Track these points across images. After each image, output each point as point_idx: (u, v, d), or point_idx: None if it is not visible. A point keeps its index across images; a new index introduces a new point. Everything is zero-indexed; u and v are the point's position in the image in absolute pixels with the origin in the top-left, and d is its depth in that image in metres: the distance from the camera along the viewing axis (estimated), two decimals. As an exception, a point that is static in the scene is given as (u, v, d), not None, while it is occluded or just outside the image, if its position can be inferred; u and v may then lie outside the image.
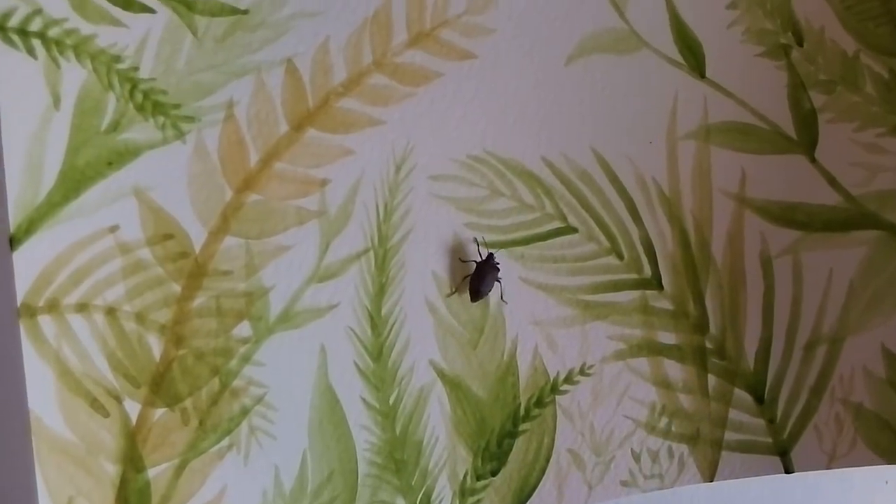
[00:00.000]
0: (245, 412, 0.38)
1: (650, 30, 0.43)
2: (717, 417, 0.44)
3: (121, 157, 0.36)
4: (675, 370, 0.44)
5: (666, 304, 0.44)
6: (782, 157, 0.45)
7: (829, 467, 0.46)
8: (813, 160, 0.45)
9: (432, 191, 0.40)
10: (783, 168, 0.45)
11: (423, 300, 0.40)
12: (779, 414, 0.45)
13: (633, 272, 0.43)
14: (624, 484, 0.43)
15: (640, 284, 0.43)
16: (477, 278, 0.40)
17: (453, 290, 0.41)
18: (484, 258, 0.41)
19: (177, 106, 0.36)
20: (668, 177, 0.44)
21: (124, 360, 0.36)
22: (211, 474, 0.37)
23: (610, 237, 0.43)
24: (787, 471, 0.45)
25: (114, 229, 0.36)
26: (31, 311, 0.35)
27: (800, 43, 0.45)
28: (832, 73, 0.45)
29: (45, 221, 0.35)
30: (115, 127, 0.36)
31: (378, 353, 0.40)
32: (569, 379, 0.42)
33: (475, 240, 0.41)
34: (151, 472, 0.36)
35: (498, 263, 0.41)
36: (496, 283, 0.41)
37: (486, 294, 0.41)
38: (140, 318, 0.36)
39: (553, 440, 0.42)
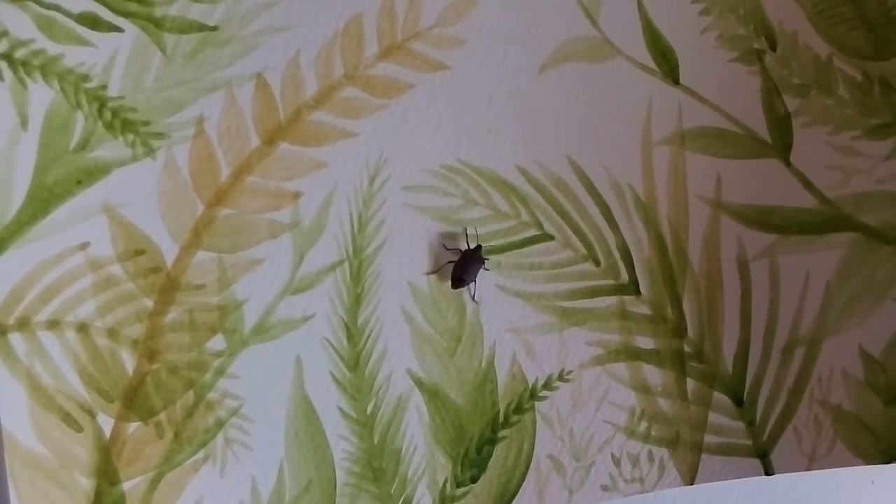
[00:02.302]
0: (220, 424, 0.38)
1: (623, 37, 0.43)
2: (697, 421, 0.45)
3: (90, 175, 0.36)
4: (653, 374, 0.44)
5: (644, 309, 0.44)
6: (757, 162, 0.45)
7: (808, 469, 0.46)
8: (788, 164, 0.45)
9: (406, 201, 0.41)
10: (758, 172, 0.45)
11: (400, 310, 0.41)
12: (758, 416, 0.45)
13: (611, 278, 0.44)
14: (605, 488, 0.43)
15: (618, 290, 0.44)
16: (461, 266, 0.41)
17: (434, 270, 0.41)
18: (472, 248, 0.41)
19: (146, 123, 0.37)
20: (644, 183, 0.44)
21: (97, 375, 0.36)
22: (187, 487, 0.37)
23: (586, 244, 0.43)
24: (768, 473, 0.45)
25: (84, 246, 0.36)
26: (1, 329, 0.35)
27: (773, 48, 0.45)
28: (806, 77, 0.45)
29: (14, 240, 0.35)
30: (83, 145, 0.36)
31: (355, 363, 0.40)
32: (547, 385, 0.43)
33: (465, 230, 0.41)
34: (126, 486, 0.37)
35: (486, 258, 0.41)
36: (474, 280, 0.41)
37: (468, 284, 0.41)
38: (112, 333, 0.37)
39: (533, 446, 0.42)
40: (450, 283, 0.41)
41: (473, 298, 0.42)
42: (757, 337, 0.45)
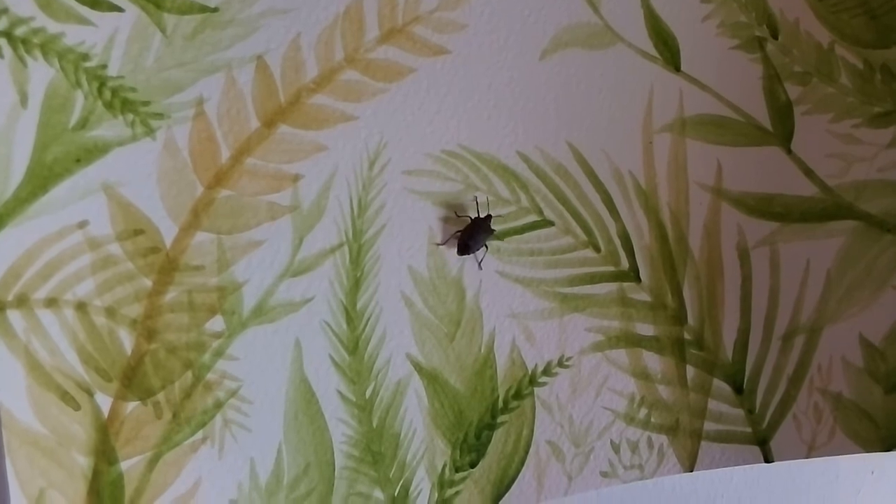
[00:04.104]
0: (219, 405, 0.38)
1: (624, 24, 0.43)
2: (697, 408, 0.45)
3: (89, 154, 0.36)
4: (653, 361, 0.44)
5: (644, 296, 0.44)
6: (758, 149, 0.45)
7: (808, 457, 0.46)
8: (789, 152, 0.45)
9: (407, 185, 0.41)
10: (759, 160, 0.45)
11: (399, 294, 0.41)
12: (758, 404, 0.45)
13: (611, 265, 0.44)
14: (604, 475, 0.43)
15: (618, 277, 0.44)
16: (468, 233, 0.41)
17: (443, 242, 0.41)
18: (482, 216, 0.41)
19: (146, 103, 0.37)
20: (645, 170, 0.44)
21: (95, 354, 0.37)
22: (185, 467, 0.38)
23: (586, 230, 0.43)
24: (767, 461, 0.46)
25: (83, 225, 0.36)
26: None
27: (774, 35, 0.45)
28: (807, 64, 0.45)
29: (13, 217, 0.35)
30: (83, 124, 0.36)
31: (354, 346, 0.40)
32: (547, 371, 0.43)
33: (475, 197, 0.41)
34: (124, 465, 0.37)
35: (493, 229, 0.41)
36: (483, 247, 0.41)
37: (474, 251, 0.41)
38: (110, 312, 0.37)
39: (532, 432, 0.42)
40: (451, 265, 0.41)
41: (480, 265, 0.42)
42: (757, 324, 0.45)
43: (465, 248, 0.41)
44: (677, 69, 0.44)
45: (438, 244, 0.41)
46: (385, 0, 0.40)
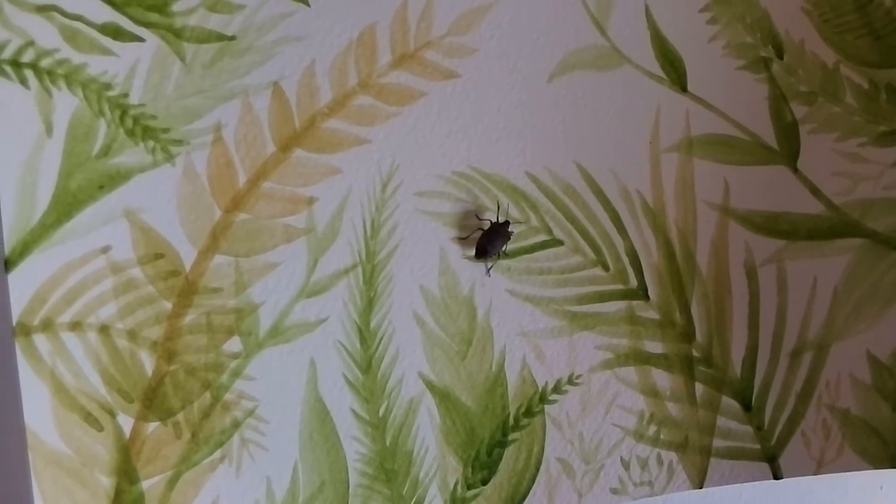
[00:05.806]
0: (236, 425, 0.39)
1: (631, 46, 0.44)
2: (706, 425, 0.45)
3: (112, 181, 0.37)
4: (662, 379, 0.44)
5: (652, 314, 0.44)
6: (765, 168, 0.45)
7: (817, 473, 0.46)
8: (795, 170, 0.46)
9: (418, 206, 0.41)
10: (766, 179, 0.45)
11: (412, 313, 0.41)
12: (766, 421, 0.45)
13: (619, 283, 0.44)
14: (614, 492, 0.44)
15: (627, 295, 0.44)
16: (486, 236, 0.41)
17: (465, 236, 0.42)
18: (500, 222, 0.42)
19: (166, 130, 0.38)
20: (652, 189, 0.44)
21: (117, 375, 0.37)
22: (204, 486, 0.38)
23: (595, 249, 0.44)
24: (776, 477, 0.46)
25: (106, 250, 0.37)
26: (26, 330, 0.36)
27: (780, 56, 0.45)
28: (812, 84, 0.46)
29: (38, 244, 0.36)
30: (106, 152, 0.37)
31: (367, 365, 0.41)
32: (557, 388, 0.43)
33: (498, 203, 0.42)
34: (145, 484, 0.37)
35: (512, 232, 0.42)
36: (497, 254, 0.42)
37: (491, 255, 0.41)
38: (132, 335, 0.37)
39: (542, 449, 0.43)
40: (462, 284, 0.42)
41: (488, 272, 0.42)
42: (765, 342, 0.45)
43: (483, 251, 0.41)
44: (684, 89, 0.44)
45: (461, 238, 0.41)
46: (397, 26, 0.41)
